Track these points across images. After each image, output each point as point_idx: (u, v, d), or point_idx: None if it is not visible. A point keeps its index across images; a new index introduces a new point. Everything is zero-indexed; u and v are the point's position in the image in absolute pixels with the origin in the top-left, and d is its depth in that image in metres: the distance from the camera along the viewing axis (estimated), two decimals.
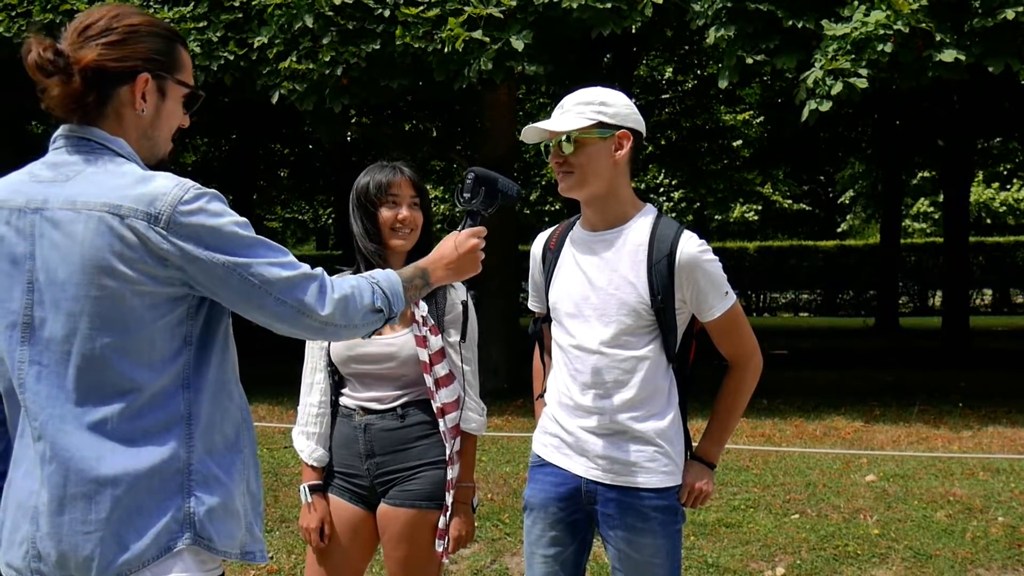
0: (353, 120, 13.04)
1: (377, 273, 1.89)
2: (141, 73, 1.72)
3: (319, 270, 1.77)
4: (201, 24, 9.21)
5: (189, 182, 1.67)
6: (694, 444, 2.54)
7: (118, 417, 1.63)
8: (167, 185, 1.65)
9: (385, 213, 2.67)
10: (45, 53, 1.63)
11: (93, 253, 1.61)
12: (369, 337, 1.90)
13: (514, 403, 9.62)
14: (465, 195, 2.21)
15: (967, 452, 7.33)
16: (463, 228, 2.15)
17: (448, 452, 2.63)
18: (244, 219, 1.72)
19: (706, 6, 8.28)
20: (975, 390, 10.84)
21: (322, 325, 1.74)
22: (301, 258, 1.77)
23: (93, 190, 1.64)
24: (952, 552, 4.80)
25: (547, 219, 27.00)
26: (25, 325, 1.65)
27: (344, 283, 1.79)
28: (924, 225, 32.28)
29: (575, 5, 8.21)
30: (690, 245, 2.34)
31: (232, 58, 9.14)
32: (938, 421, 8.83)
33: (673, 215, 31.14)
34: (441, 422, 2.62)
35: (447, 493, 2.63)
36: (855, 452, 7.34)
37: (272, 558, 4.80)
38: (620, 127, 2.36)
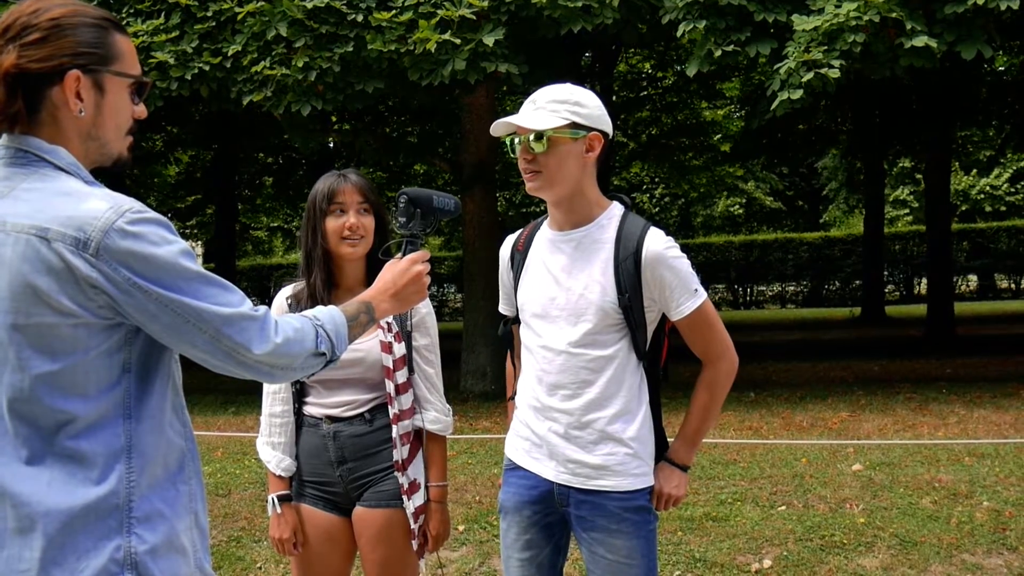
0: (335, 127, 13.01)
1: (321, 314, 1.77)
2: (70, 71, 1.55)
3: (262, 310, 1.64)
4: (174, 35, 9.17)
5: (128, 203, 1.54)
6: (670, 441, 2.51)
7: (53, 450, 1.53)
8: (100, 208, 1.51)
9: (332, 222, 2.63)
10: None
11: (20, 278, 1.50)
12: (309, 379, 1.76)
13: (502, 405, 9.60)
14: (401, 219, 2.11)
15: (953, 438, 7.36)
16: (404, 254, 2.04)
17: (399, 458, 2.62)
18: (187, 248, 1.58)
19: (679, 1, 8.29)
20: (961, 376, 10.91)
21: (256, 364, 1.62)
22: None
23: (23, 209, 1.52)
24: (937, 538, 4.81)
25: (533, 220, 26.97)
26: None
27: (287, 325, 1.67)
28: (903, 212, 32.41)
29: (545, 1, 8.22)
30: (656, 242, 2.30)
31: (207, 68, 9.10)
32: (924, 408, 8.88)
33: (656, 211, 31.19)
34: (394, 428, 2.62)
35: (404, 498, 2.62)
36: (842, 442, 7.36)
37: (261, 567, 4.79)
38: (592, 129, 2.32)
